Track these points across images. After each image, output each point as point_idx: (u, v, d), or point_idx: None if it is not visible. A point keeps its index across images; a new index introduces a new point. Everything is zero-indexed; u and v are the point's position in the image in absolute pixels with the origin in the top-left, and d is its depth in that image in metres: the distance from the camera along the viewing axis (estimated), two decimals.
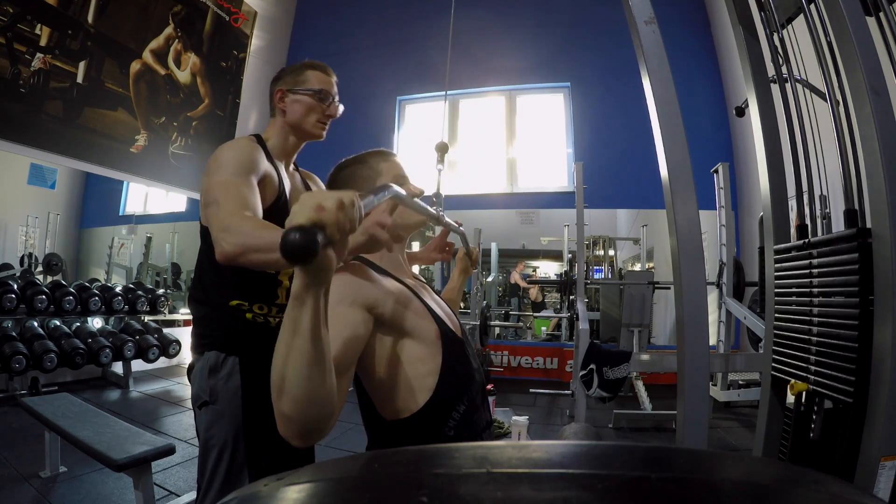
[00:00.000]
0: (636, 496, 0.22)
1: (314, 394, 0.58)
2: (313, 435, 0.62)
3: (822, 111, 1.39)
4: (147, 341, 4.37)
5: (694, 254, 1.20)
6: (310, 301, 0.53)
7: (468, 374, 0.89)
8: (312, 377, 0.57)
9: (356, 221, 0.51)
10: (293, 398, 0.58)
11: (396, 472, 0.27)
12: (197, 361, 1.17)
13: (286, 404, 0.58)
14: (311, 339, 0.55)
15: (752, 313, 3.57)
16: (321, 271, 0.51)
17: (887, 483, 1.00)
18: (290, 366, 0.57)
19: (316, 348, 0.56)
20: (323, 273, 0.52)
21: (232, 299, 1.17)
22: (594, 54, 5.63)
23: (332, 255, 0.51)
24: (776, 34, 1.46)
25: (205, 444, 1.12)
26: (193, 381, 1.17)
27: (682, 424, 1.21)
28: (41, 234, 7.09)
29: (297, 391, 0.57)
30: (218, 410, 1.12)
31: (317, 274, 0.52)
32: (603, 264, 7.04)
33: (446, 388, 0.83)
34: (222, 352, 1.15)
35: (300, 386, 0.57)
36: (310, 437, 0.62)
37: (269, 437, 1.13)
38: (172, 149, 5.07)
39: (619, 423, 3.42)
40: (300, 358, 0.56)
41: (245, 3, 5.76)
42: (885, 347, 1.01)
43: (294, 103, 1.25)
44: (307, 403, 0.58)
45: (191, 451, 2.71)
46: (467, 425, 0.86)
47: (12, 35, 3.63)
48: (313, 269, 0.51)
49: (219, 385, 1.12)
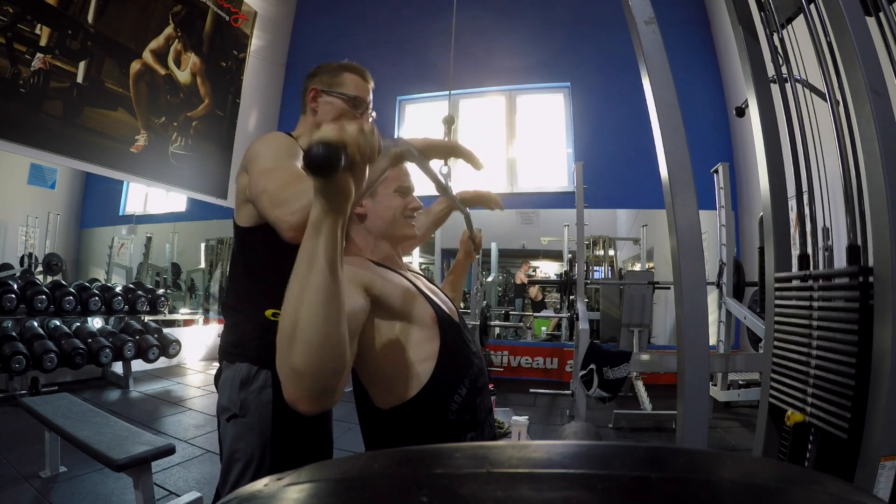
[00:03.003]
0: (636, 496, 0.22)
1: (330, 337, 0.55)
2: (325, 394, 0.58)
3: (822, 111, 1.39)
4: (147, 341, 4.37)
5: (694, 254, 1.20)
6: (327, 228, 0.53)
7: (467, 358, 0.89)
8: (329, 317, 0.55)
9: (375, 151, 0.52)
10: (307, 345, 0.54)
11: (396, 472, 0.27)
12: (226, 369, 1.14)
13: (298, 354, 0.54)
14: (329, 271, 0.54)
15: (752, 313, 3.57)
16: (340, 194, 0.52)
17: (887, 483, 1.00)
18: (305, 305, 0.54)
19: (333, 281, 0.55)
20: (342, 196, 0.52)
21: (267, 308, 1.12)
22: (594, 54, 5.63)
23: (351, 182, 0.52)
24: (776, 34, 1.46)
25: (230, 456, 1.10)
26: (222, 390, 1.13)
27: (682, 424, 1.21)
28: (41, 234, 7.10)
29: (312, 333, 0.54)
30: (247, 424, 1.09)
31: (336, 197, 0.52)
32: (603, 264, 7.04)
33: (446, 371, 0.83)
34: (255, 364, 1.11)
35: (315, 328, 0.54)
36: (321, 397, 0.58)
37: (295, 453, 1.12)
38: (172, 149, 5.07)
39: (619, 423, 3.42)
40: (316, 295, 0.54)
41: (245, 3, 5.76)
42: (885, 344, 1.01)
43: (326, 105, 1.20)
44: (321, 350, 0.55)
45: (191, 452, 2.72)
46: (470, 409, 0.86)
47: (12, 35, 3.63)
48: (333, 190, 0.51)
49: (250, 398, 1.09)
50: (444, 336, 0.85)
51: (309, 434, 1.19)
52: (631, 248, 7.15)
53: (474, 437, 0.86)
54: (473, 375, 0.89)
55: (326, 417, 1.28)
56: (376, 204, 0.93)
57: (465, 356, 0.89)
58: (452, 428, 0.83)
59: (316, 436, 1.23)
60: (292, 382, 0.56)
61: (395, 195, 0.94)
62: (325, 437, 1.27)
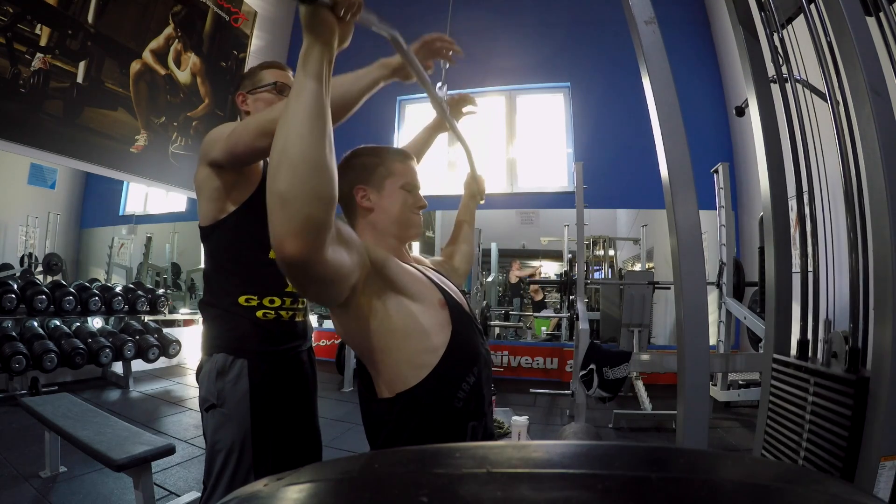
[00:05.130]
0: (636, 496, 0.22)
1: (315, 160, 0.58)
2: (311, 227, 0.58)
3: (822, 111, 1.38)
4: (147, 341, 4.36)
5: (694, 254, 1.20)
6: (313, 58, 0.60)
7: (476, 348, 0.90)
8: (314, 139, 0.58)
9: None
10: (291, 167, 0.57)
11: (396, 472, 0.27)
12: (205, 363, 1.16)
13: (283, 178, 0.57)
14: (314, 93, 0.59)
15: (752, 313, 3.56)
16: (324, 25, 0.59)
17: (887, 483, 1.00)
18: (291, 129, 0.58)
19: (318, 105, 0.59)
20: (326, 28, 0.59)
21: (240, 296, 1.15)
22: (594, 54, 5.62)
23: (333, 17, 0.59)
24: (776, 34, 1.46)
25: (212, 448, 1.11)
26: (202, 383, 1.15)
27: (682, 424, 1.21)
28: (41, 234, 7.09)
29: (296, 156, 0.57)
30: (225, 414, 1.10)
31: (320, 28, 0.59)
32: (603, 264, 7.04)
33: (456, 359, 0.84)
34: (230, 354, 1.13)
35: (299, 149, 0.57)
36: (306, 231, 0.58)
37: (277, 442, 1.13)
38: (172, 149, 5.07)
39: (619, 423, 3.42)
40: (302, 113, 0.58)
41: (245, 3, 5.76)
42: (885, 344, 1.01)
43: (256, 102, 1.27)
44: (306, 171, 0.57)
45: (191, 451, 2.72)
46: (476, 398, 0.86)
47: (12, 35, 3.63)
48: (318, 22, 0.58)
49: (227, 388, 1.11)
50: (455, 325, 0.85)
51: (292, 426, 1.20)
52: (631, 248, 7.15)
53: (476, 426, 0.86)
54: (481, 365, 0.89)
55: (311, 409, 1.28)
56: (382, 199, 0.93)
57: (475, 345, 0.89)
58: (458, 416, 0.83)
59: (300, 428, 1.23)
60: (278, 212, 0.57)
61: (402, 191, 0.95)
62: (310, 430, 1.27)
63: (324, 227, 0.60)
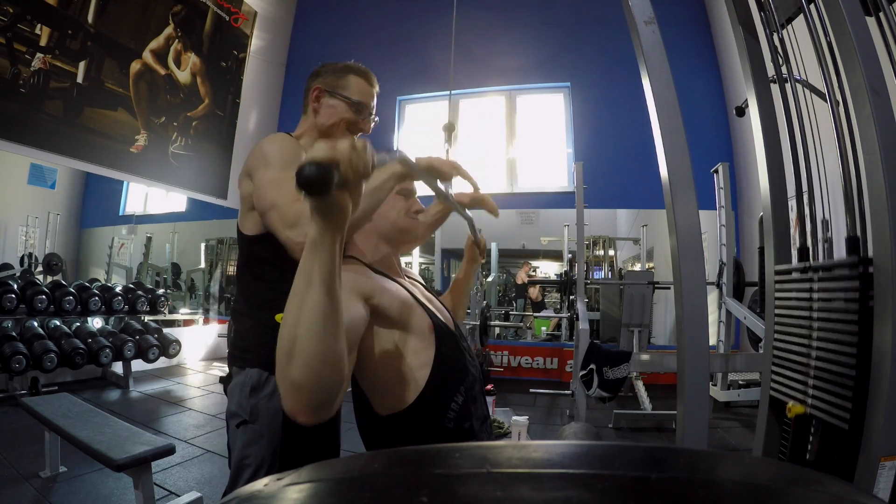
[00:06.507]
0: (636, 496, 0.22)
1: (328, 353, 0.55)
2: (324, 406, 0.58)
3: (822, 111, 1.38)
4: (147, 341, 4.37)
5: (694, 254, 1.20)
6: (325, 248, 0.53)
7: (462, 366, 0.89)
8: (326, 334, 0.55)
9: (369, 166, 0.52)
10: (305, 360, 0.54)
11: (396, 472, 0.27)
12: (236, 375, 1.13)
13: (297, 368, 0.55)
14: (326, 290, 0.54)
15: (752, 313, 3.57)
16: (337, 213, 0.51)
17: (887, 483, 1.00)
18: (303, 322, 0.54)
19: (331, 300, 0.54)
20: (339, 215, 0.52)
21: (276, 313, 1.13)
22: (594, 54, 5.62)
23: (347, 198, 0.51)
24: (776, 34, 1.45)
25: (239, 462, 1.09)
26: (231, 395, 1.13)
27: (682, 424, 1.21)
28: (41, 234, 7.10)
29: (310, 350, 0.54)
30: (257, 430, 1.09)
31: (332, 216, 0.52)
32: (603, 264, 7.04)
33: (441, 379, 0.83)
34: (265, 370, 1.10)
35: (313, 344, 0.54)
36: (319, 410, 0.58)
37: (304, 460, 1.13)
38: (172, 149, 5.07)
39: (619, 423, 3.42)
40: (314, 311, 0.54)
41: (245, 3, 5.76)
42: (885, 336, 1.01)
43: (328, 107, 1.18)
44: (320, 365, 0.55)
45: (191, 452, 2.72)
46: (467, 416, 0.86)
47: (12, 35, 3.63)
48: (329, 208, 0.51)
49: (260, 404, 1.09)
50: (439, 344, 0.85)
51: (317, 440, 1.19)
52: (631, 248, 7.15)
53: None
54: (469, 384, 0.88)
55: (335, 424, 1.27)
56: None
57: (461, 365, 0.89)
58: (449, 436, 0.83)
59: (324, 442, 1.22)
60: (291, 395, 0.56)
61: (398, 197, 0.94)
62: (333, 443, 1.26)
63: (337, 403, 0.60)
